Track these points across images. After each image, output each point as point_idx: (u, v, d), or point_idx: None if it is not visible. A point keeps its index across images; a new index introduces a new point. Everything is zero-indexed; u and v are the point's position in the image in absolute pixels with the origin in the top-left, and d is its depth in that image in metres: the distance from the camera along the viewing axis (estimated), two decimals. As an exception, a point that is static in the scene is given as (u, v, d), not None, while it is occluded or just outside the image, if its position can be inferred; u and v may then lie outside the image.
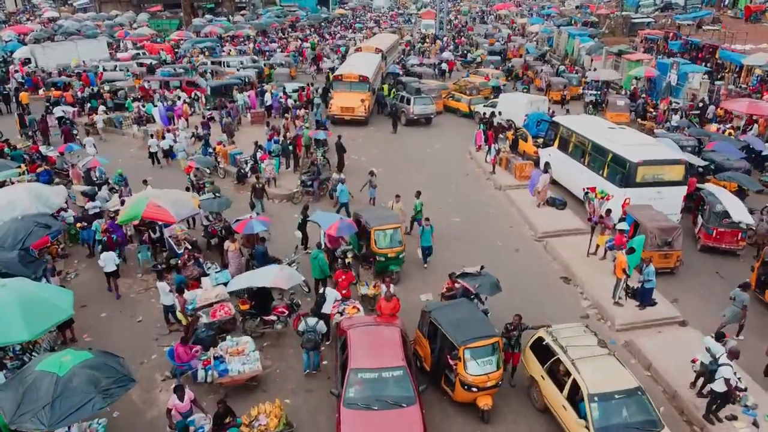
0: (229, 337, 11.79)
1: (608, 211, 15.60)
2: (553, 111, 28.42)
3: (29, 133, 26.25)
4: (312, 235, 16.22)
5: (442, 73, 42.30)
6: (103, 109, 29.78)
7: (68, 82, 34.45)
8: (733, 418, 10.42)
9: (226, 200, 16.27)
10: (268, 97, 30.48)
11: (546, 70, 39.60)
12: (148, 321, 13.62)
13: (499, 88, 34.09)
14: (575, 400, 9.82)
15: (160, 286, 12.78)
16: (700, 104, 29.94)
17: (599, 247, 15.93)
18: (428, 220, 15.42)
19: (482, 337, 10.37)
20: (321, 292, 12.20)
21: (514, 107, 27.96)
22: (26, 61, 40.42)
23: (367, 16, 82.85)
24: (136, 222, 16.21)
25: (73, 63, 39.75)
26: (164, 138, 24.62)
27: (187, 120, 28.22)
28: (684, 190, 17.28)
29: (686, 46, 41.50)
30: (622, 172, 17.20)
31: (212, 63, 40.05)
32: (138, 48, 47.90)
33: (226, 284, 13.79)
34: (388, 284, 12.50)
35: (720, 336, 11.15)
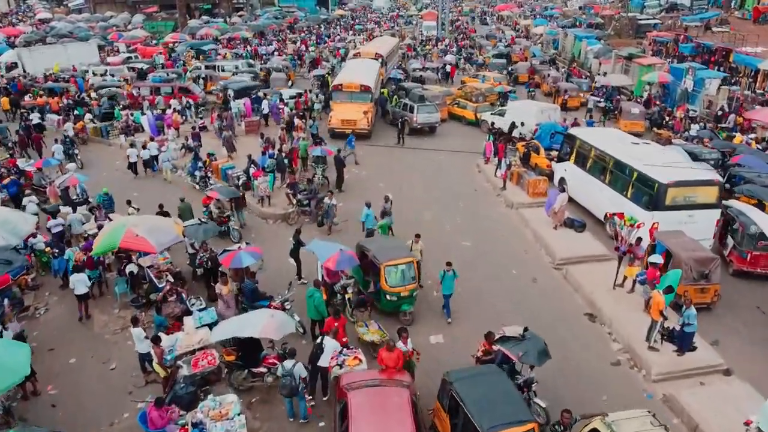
0: (211, 396, 10.20)
1: (638, 239, 14.02)
2: (575, 119, 26.87)
3: (9, 145, 24.66)
4: (307, 262, 14.66)
5: (446, 77, 40.78)
6: (89, 117, 28.25)
7: (66, 88, 32.86)
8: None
9: (213, 226, 14.70)
10: (265, 105, 28.86)
11: (553, 74, 38.06)
12: (123, 368, 12.05)
13: (506, 94, 32.39)
14: None
15: (135, 333, 11.25)
16: (719, 112, 28.41)
17: (626, 278, 14.37)
18: (450, 265, 13.15)
19: (514, 423, 8.32)
20: (318, 342, 10.62)
21: (524, 116, 26.33)
22: (12, 66, 38.77)
23: (367, 17, 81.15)
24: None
25: (55, 68, 37.96)
26: (145, 147, 23.08)
27: (177, 130, 26.69)
28: (718, 213, 15.74)
29: (698, 49, 39.97)
30: (650, 194, 15.64)
31: (206, 67, 38.44)
32: (130, 51, 46.27)
33: (211, 326, 12.24)
34: (405, 340, 10.62)
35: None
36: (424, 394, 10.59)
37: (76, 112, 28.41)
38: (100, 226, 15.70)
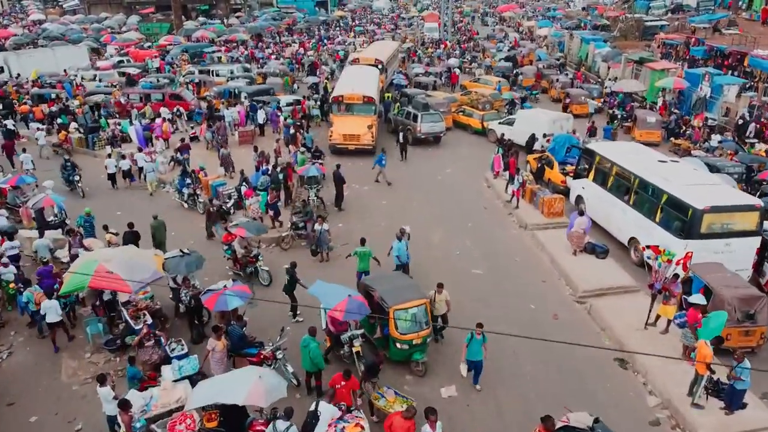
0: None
1: (675, 276, 12.45)
2: (592, 122, 25.31)
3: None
4: (305, 294, 12.98)
5: (450, 80, 39.31)
6: (74, 126, 26.68)
7: (57, 94, 31.29)
8: None
9: (197, 259, 13.07)
10: (261, 114, 27.25)
11: (562, 79, 36.53)
12: (90, 429, 10.52)
13: (515, 101, 30.83)
14: None
15: (102, 393, 9.72)
16: (740, 121, 26.87)
17: (659, 317, 12.83)
18: (481, 326, 10.81)
19: None
20: (312, 410, 9.07)
21: (534, 126, 24.73)
22: (-1, 70, 37.25)
23: (368, 19, 79.47)
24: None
25: (33, 75, 36.22)
26: (124, 158, 21.74)
27: (167, 140, 25.15)
28: (758, 241, 14.19)
29: (710, 53, 38.41)
30: (683, 220, 14.10)
31: (200, 72, 36.86)
32: (122, 54, 44.63)
33: (191, 378, 10.72)
34: (433, 425, 8.63)
35: None
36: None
37: (60, 121, 26.86)
38: (74, 256, 14.17)
